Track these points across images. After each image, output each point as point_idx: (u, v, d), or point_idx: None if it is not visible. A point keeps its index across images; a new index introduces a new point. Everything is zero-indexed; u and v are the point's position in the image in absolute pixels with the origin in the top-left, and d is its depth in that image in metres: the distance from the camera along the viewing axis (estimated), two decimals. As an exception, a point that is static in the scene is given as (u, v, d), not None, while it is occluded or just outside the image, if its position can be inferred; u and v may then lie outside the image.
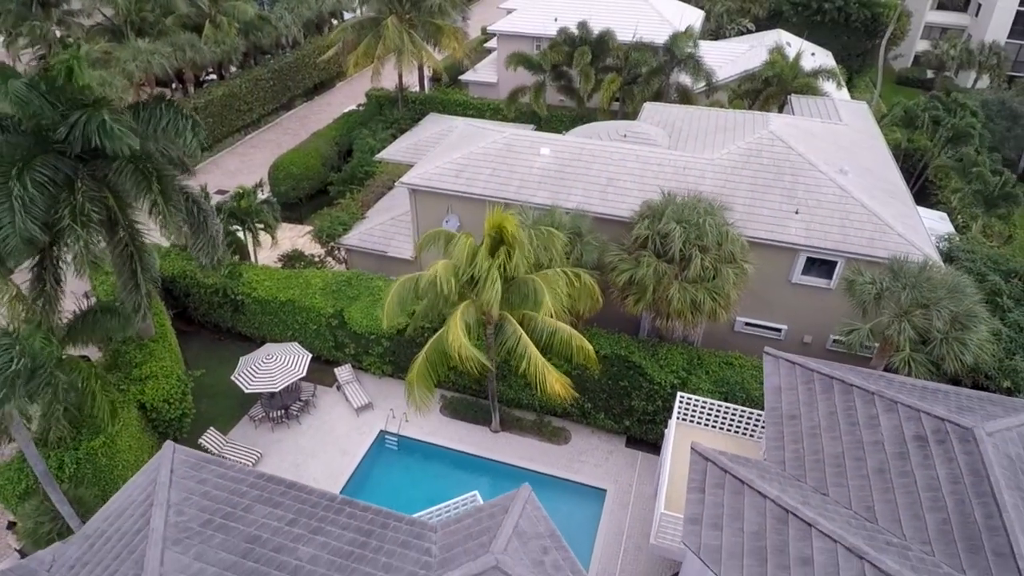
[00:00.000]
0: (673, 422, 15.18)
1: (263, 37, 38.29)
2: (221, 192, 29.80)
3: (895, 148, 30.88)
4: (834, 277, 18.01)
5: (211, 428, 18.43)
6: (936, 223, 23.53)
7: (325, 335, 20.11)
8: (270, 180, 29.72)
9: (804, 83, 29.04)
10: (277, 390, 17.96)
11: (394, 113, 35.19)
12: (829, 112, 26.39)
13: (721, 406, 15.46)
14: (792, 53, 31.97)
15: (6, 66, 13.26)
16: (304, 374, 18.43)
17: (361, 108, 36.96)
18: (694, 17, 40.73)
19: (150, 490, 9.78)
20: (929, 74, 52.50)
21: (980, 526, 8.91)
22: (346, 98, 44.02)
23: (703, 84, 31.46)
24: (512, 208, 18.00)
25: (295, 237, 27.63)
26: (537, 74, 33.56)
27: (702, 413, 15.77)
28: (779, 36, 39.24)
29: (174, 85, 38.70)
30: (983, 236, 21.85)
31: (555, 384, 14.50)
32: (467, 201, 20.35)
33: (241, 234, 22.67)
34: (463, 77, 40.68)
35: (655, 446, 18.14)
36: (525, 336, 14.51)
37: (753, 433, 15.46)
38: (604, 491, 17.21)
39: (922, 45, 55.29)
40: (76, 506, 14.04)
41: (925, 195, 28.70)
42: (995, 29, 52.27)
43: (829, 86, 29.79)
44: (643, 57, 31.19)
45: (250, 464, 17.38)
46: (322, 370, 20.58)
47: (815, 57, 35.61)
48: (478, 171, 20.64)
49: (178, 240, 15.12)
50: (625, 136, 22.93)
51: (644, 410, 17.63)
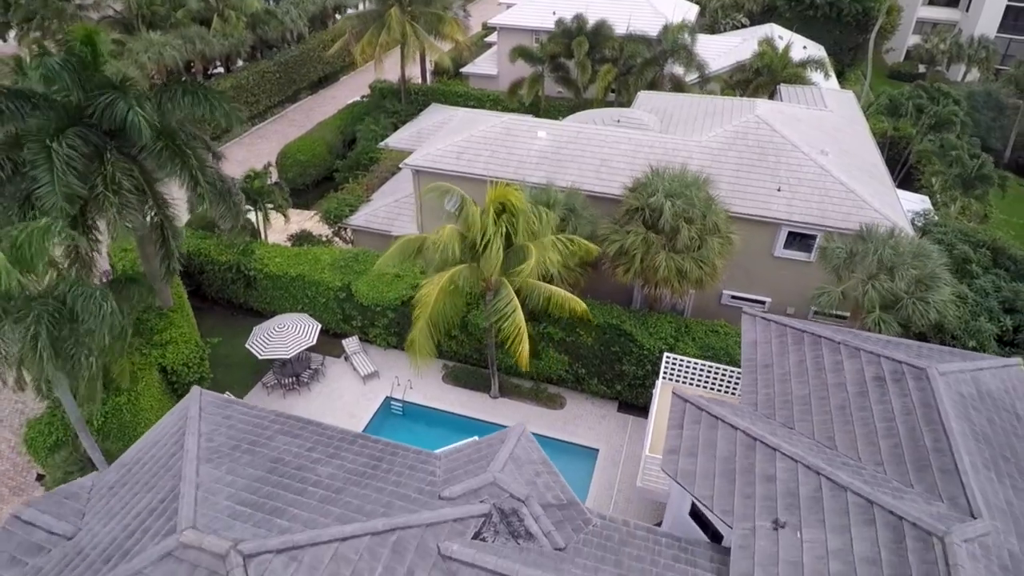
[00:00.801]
0: (660, 380, 16.25)
1: (269, 31, 39.41)
2: (231, 179, 30.89)
3: (882, 136, 31.99)
4: (814, 250, 19.08)
5: (227, 392, 19.53)
6: (917, 205, 24.58)
7: (333, 308, 21.20)
8: (278, 167, 30.80)
9: (793, 73, 30.11)
10: (289, 356, 19.05)
11: (397, 104, 36.26)
12: (815, 100, 27.47)
13: (704, 365, 16.56)
14: (783, 46, 33.02)
15: (44, 48, 14.35)
16: (314, 342, 19.52)
17: (365, 99, 38.07)
18: (689, 11, 41.82)
19: (181, 423, 10.87)
20: (921, 68, 53.54)
21: (928, 449, 9.98)
22: (350, 91, 45.08)
23: (696, 75, 32.51)
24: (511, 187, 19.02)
25: (302, 221, 28.67)
26: (536, 65, 34.67)
27: (686, 372, 16.86)
28: (772, 30, 40.17)
29: (183, 78, 39.78)
30: (962, 215, 22.89)
31: (523, 351, 15.53)
32: (467, 181, 21.39)
33: (253, 215, 23.77)
34: (464, 69, 41.78)
35: (645, 410, 19.20)
36: (516, 300, 15.56)
37: (734, 391, 16.53)
38: (596, 451, 18.29)
39: (914, 40, 56.32)
40: (104, 456, 15.14)
41: (910, 180, 29.75)
42: (985, 23, 53.32)
43: (817, 76, 30.84)
44: (638, 49, 32.26)
45: (263, 426, 18.45)
46: (330, 343, 21.67)
47: (807, 50, 36.63)
48: (478, 153, 21.72)
49: (210, 212, 16.16)
50: (619, 121, 24.00)
51: (634, 375, 18.71)
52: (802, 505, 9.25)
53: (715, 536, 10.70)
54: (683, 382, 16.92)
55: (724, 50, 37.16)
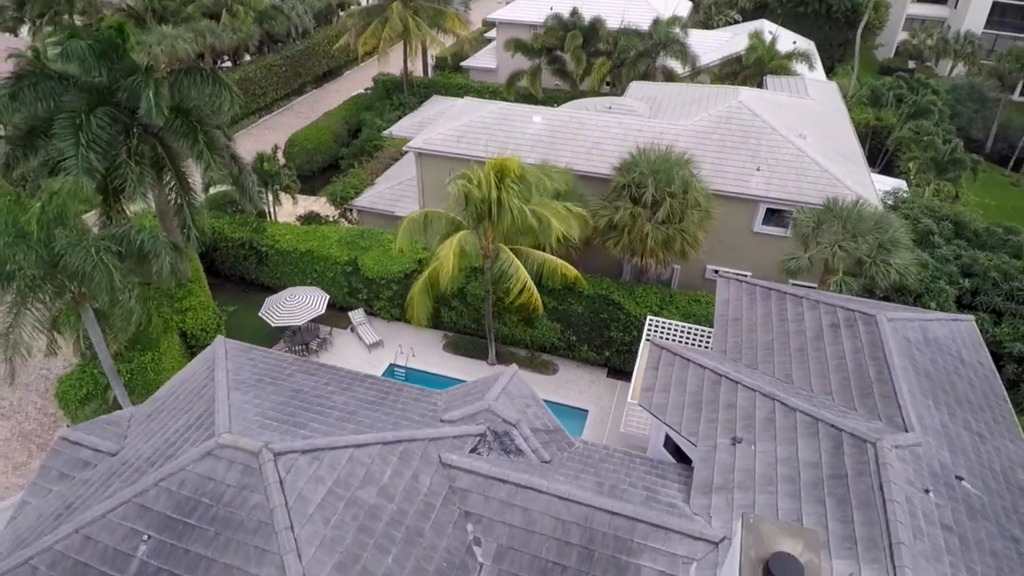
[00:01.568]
0: (644, 341, 17.56)
1: (276, 26, 40.67)
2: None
3: (865, 126, 33.32)
4: (790, 226, 20.36)
5: (241, 359, 20.82)
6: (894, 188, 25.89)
7: (340, 282, 22.51)
8: (285, 155, 32.12)
9: (779, 64, 31.40)
10: (299, 324, 20.38)
11: (400, 96, 37.58)
12: (799, 89, 28.76)
13: (685, 326, 17.88)
14: (782, 47, 34.19)
15: (76, 27, 15.65)
16: (323, 311, 20.83)
17: (369, 92, 39.39)
18: (681, 6, 43.10)
19: (210, 362, 12.16)
20: (911, 64, 54.83)
21: (872, 380, 11.28)
22: (354, 85, 46.38)
23: (688, 67, 33.81)
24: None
25: (310, 205, 30.02)
26: (533, 58, 35.99)
27: (668, 333, 18.16)
28: (762, 26, 41.46)
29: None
30: (935, 196, 24.19)
31: (535, 299, 16.85)
32: (467, 163, 22.70)
33: (263, 196, 25.06)
34: (465, 63, 43.11)
35: (632, 375, 20.49)
36: (517, 261, 16.88)
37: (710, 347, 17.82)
38: (586, 411, 19.60)
39: (904, 36, 57.62)
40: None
41: (891, 167, 31.07)
42: (972, 20, 54.60)
43: (803, 68, 32.12)
44: (631, 42, 33.58)
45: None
46: (337, 316, 22.97)
47: (796, 45, 37.90)
48: (477, 136, 23.02)
49: (216, 179, 17.44)
50: (610, 108, 25.30)
51: (621, 340, 20.02)
52: (757, 425, 10.56)
53: (685, 462, 11.99)
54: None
55: (715, 44, 38.45)
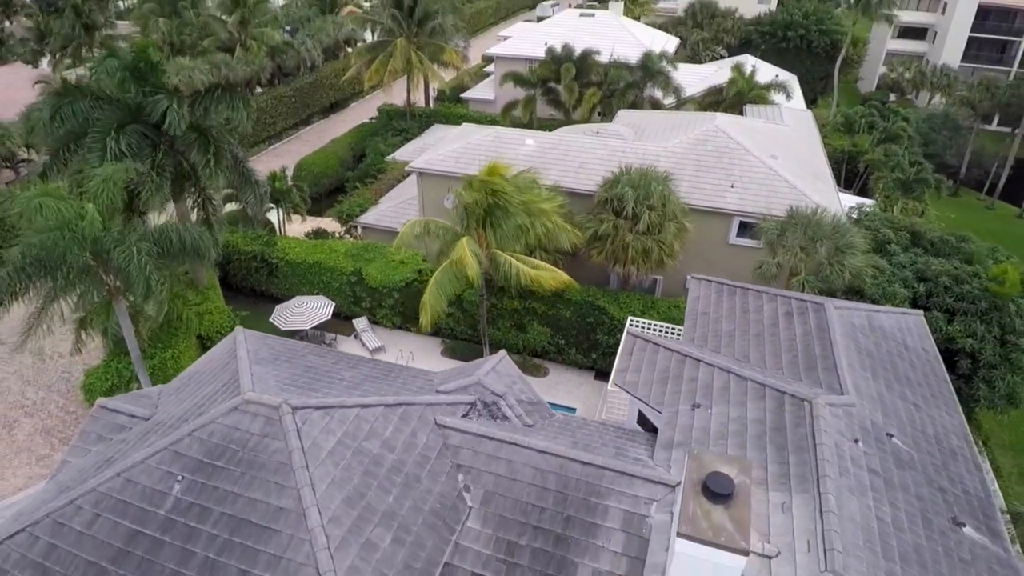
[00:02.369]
0: (624, 336, 19.00)
1: (287, 60, 43.22)
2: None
3: (842, 151, 35.33)
4: (762, 238, 21.99)
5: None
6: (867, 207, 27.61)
7: (345, 291, 24.07)
8: (293, 179, 34.04)
9: (758, 94, 33.53)
10: (307, 328, 21.86)
11: (403, 123, 39.76)
12: (775, 117, 30.79)
13: (661, 325, 19.36)
14: (762, 79, 36.41)
15: (112, 46, 17.59)
16: (329, 317, 22.36)
17: (373, 120, 41.64)
18: (669, 44, 45.69)
19: (231, 345, 13.62)
20: (891, 96, 57.36)
21: (817, 356, 12.72)
22: (359, 116, 48.77)
23: (673, 98, 36.02)
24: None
25: (316, 225, 31.76)
26: (529, 89, 38.27)
27: (647, 332, 19.59)
28: (746, 60, 43.98)
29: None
30: (903, 213, 25.90)
31: (544, 280, 18.35)
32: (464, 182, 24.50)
33: (274, 213, 26.85)
34: (464, 95, 45.51)
35: (618, 377, 21.87)
36: (515, 261, 18.44)
37: (691, 352, 19.24)
38: (574, 409, 20.93)
39: (884, 70, 60.35)
40: (153, 400, 17.83)
41: (867, 189, 32.92)
42: (949, 54, 57.41)
43: (780, 97, 34.24)
44: (620, 74, 35.85)
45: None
46: (342, 324, 24.48)
47: (779, 78, 40.21)
48: (473, 157, 24.85)
49: (226, 184, 19.14)
50: (598, 133, 27.27)
51: (607, 343, 21.46)
52: (714, 394, 11.98)
53: (654, 433, 13.33)
54: (647, 344, 19.66)
55: (700, 77, 40.78)
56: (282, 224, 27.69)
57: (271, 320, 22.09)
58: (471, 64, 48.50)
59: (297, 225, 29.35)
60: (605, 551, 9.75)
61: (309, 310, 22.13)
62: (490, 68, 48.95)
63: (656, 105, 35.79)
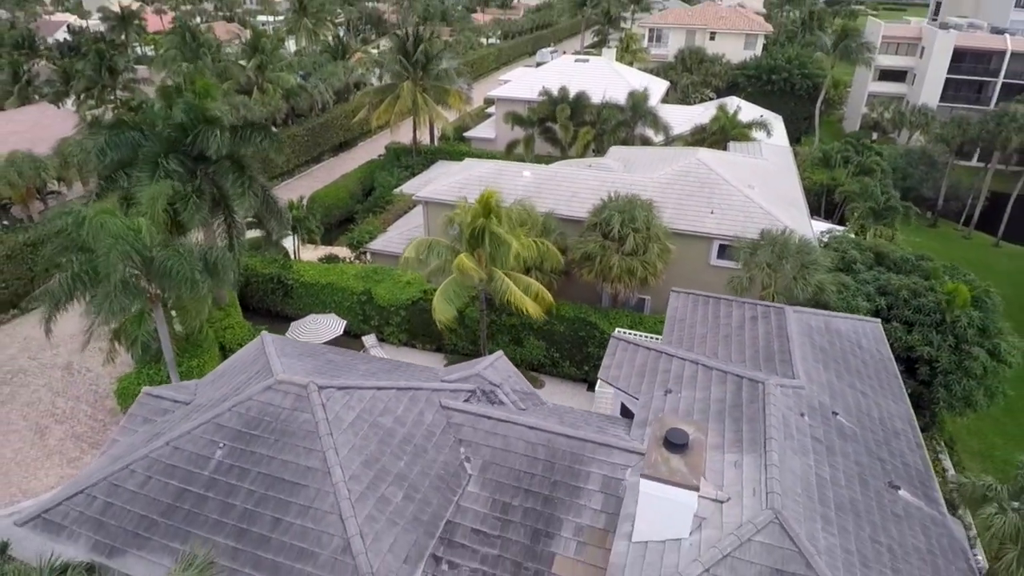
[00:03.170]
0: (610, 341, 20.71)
1: (301, 101, 46.13)
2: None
3: (821, 185, 37.57)
4: (737, 257, 23.91)
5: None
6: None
7: (355, 310, 25.88)
8: (307, 209, 36.28)
9: (740, 132, 35.94)
10: (320, 343, 23.56)
11: (409, 159, 42.26)
12: (756, 152, 33.08)
13: (644, 335, 21.05)
14: (744, 118, 38.97)
15: (168, 88, 19.91)
16: (340, 333, 24.11)
17: (381, 157, 44.17)
18: (659, 86, 48.60)
19: (259, 344, 15.36)
20: (874, 135, 60.17)
21: (775, 351, 14.43)
22: (367, 154, 51.41)
23: (662, 136, 38.49)
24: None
25: (328, 252, 33.83)
26: (527, 128, 40.83)
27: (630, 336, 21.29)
28: (732, 101, 46.78)
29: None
30: (874, 239, 27.85)
31: (528, 306, 20.11)
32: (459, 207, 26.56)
33: (289, 240, 28.90)
34: (467, 134, 48.22)
35: (609, 388, 23.47)
36: (507, 279, 20.28)
37: (674, 361, 20.92)
38: (568, 417, 22.43)
39: (867, 111, 63.39)
40: (180, 404, 19.48)
41: (844, 219, 34.99)
42: (928, 95, 60.44)
43: (762, 135, 36.66)
44: (612, 114, 38.39)
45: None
46: (352, 342, 26.16)
47: (763, 117, 42.82)
48: (475, 187, 26.90)
49: (253, 208, 21.29)
50: (590, 166, 29.52)
51: (598, 356, 23.06)
52: (684, 381, 13.67)
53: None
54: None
55: (689, 117, 43.44)
56: (296, 251, 29.70)
57: (287, 335, 23.82)
58: (474, 106, 51.44)
59: (310, 252, 31.36)
60: (586, 508, 11.33)
61: (322, 327, 23.90)
62: (491, 109, 51.86)
63: (646, 142, 38.20)
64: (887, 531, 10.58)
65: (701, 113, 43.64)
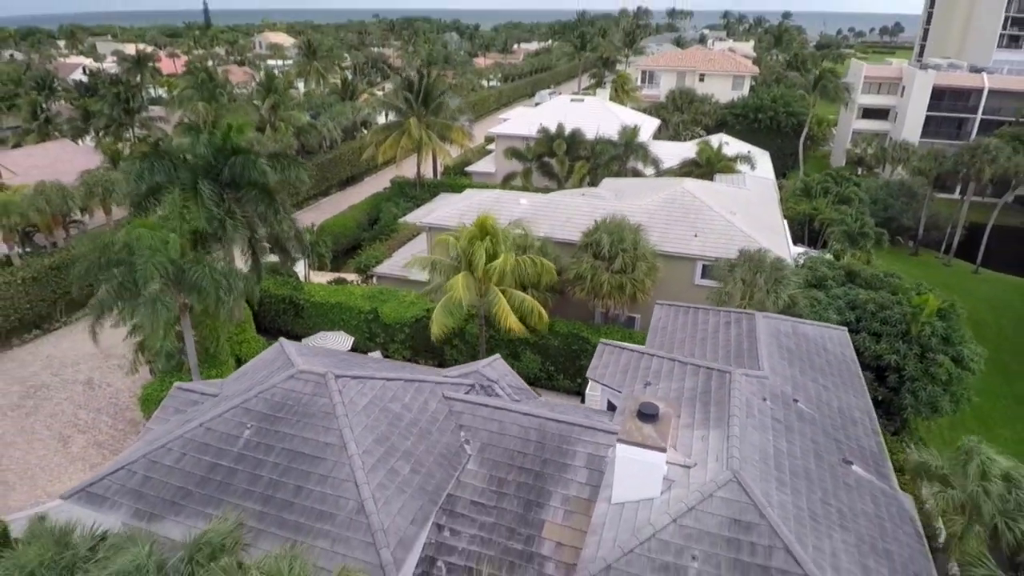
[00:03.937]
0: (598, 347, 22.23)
1: (311, 139, 48.64)
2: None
3: (804, 215, 39.58)
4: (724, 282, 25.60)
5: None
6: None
7: (362, 328, 27.46)
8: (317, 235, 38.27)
9: (725, 165, 38.15)
10: (329, 356, 25.09)
11: (413, 192, 44.43)
12: (740, 183, 35.22)
13: (634, 346, 22.53)
14: (730, 151, 41.36)
15: (193, 125, 21.91)
16: (348, 349, 25.61)
17: (387, 190, 46.38)
18: (651, 124, 51.20)
19: (278, 348, 16.96)
20: (859, 170, 62.63)
21: (745, 350, 15.98)
22: (372, 188, 53.73)
23: (653, 169, 40.70)
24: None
25: (336, 277, 35.60)
26: (526, 163, 43.14)
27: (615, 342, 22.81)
28: (721, 138, 49.28)
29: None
30: (851, 261, 29.59)
31: (512, 324, 21.69)
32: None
33: (300, 265, 30.68)
34: (468, 168, 50.60)
35: (601, 399, 24.85)
36: (501, 295, 21.92)
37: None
38: (562, 425, 23.75)
39: (851, 147, 66.10)
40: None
41: (825, 246, 36.84)
42: (909, 131, 63.18)
43: (746, 168, 38.88)
44: (605, 148, 40.71)
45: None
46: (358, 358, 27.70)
47: (751, 153, 45.20)
48: (475, 214, 28.72)
49: (277, 231, 23.21)
50: (583, 194, 31.52)
51: (590, 368, 24.58)
52: (662, 375, 15.19)
53: (621, 417, 16.37)
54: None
55: (678, 153, 45.76)
56: (307, 276, 31.44)
57: (298, 350, 25.36)
58: (475, 143, 54.04)
59: (319, 277, 33.11)
60: (573, 482, 12.74)
61: (331, 342, 25.44)
62: (491, 146, 54.43)
63: (638, 175, 40.36)
64: (837, 496, 11.97)
65: (690, 149, 45.95)
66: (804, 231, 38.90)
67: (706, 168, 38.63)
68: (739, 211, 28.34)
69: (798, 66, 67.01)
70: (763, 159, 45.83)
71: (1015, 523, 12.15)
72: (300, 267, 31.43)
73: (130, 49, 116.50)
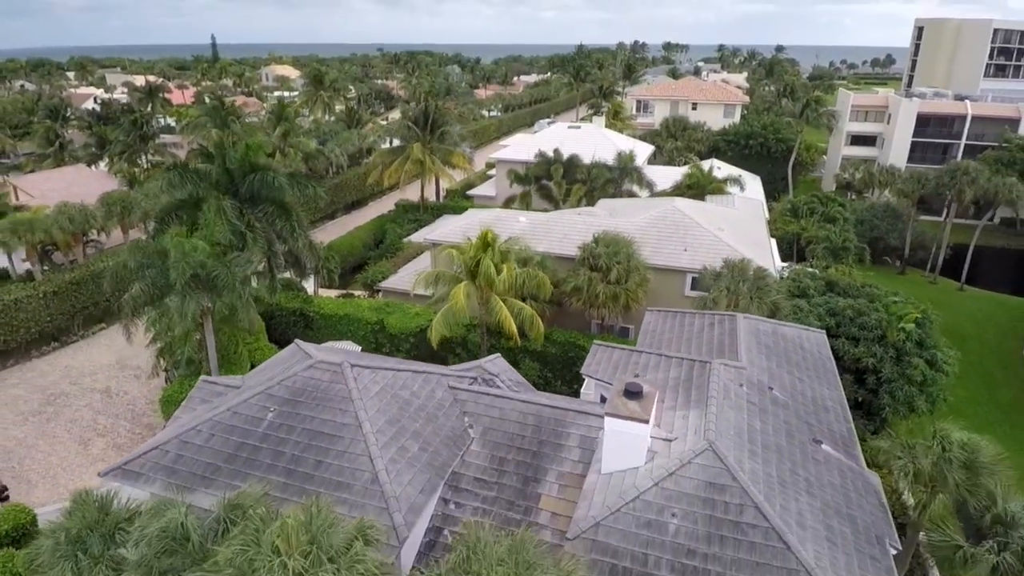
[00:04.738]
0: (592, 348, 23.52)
1: (318, 164, 50.60)
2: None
3: (792, 235, 41.22)
4: (711, 289, 27.04)
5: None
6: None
7: (369, 338, 28.80)
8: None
9: (716, 187, 39.92)
10: (338, 363, 26.36)
11: (417, 214, 46.17)
12: (729, 203, 36.94)
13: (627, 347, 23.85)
14: (720, 175, 43.18)
15: (223, 142, 23.63)
16: (356, 356, 26.88)
17: (391, 213, 48.15)
18: (645, 150, 53.23)
19: (293, 347, 18.33)
20: (849, 194, 64.55)
21: (727, 346, 17.32)
22: (376, 212, 55.51)
23: (647, 192, 42.45)
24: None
25: (344, 292, 37.06)
26: (525, 186, 44.93)
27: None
28: (713, 163, 51.22)
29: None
30: (832, 273, 31.08)
31: (512, 330, 23.06)
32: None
33: (310, 281, 32.15)
34: (470, 192, 52.47)
35: (597, 405, 26.04)
36: (500, 302, 23.34)
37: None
38: (560, 429, 24.92)
39: (839, 172, 68.18)
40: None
41: (805, 260, 38.43)
42: (896, 156, 65.33)
43: (735, 189, 40.64)
44: (601, 172, 42.51)
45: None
46: (364, 368, 28.95)
47: (741, 177, 47.05)
48: (477, 231, 30.31)
49: (294, 246, 24.80)
50: (579, 213, 33.17)
51: (586, 374, 25.83)
52: (649, 368, 16.51)
53: (613, 410, 17.61)
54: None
55: (671, 177, 47.61)
56: (315, 292, 32.88)
57: (308, 358, 26.64)
58: (476, 169, 56.12)
59: (327, 293, 34.54)
60: (567, 460, 13.98)
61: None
62: (492, 171, 56.43)
63: (632, 197, 42.10)
64: (806, 468, 13.22)
65: (684, 173, 47.88)
66: (792, 250, 40.48)
67: (697, 189, 40.38)
68: (727, 228, 29.91)
69: (788, 95, 69.53)
70: (754, 183, 47.69)
71: (976, 488, 13.38)
72: (309, 284, 32.90)
73: (139, 80, 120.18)
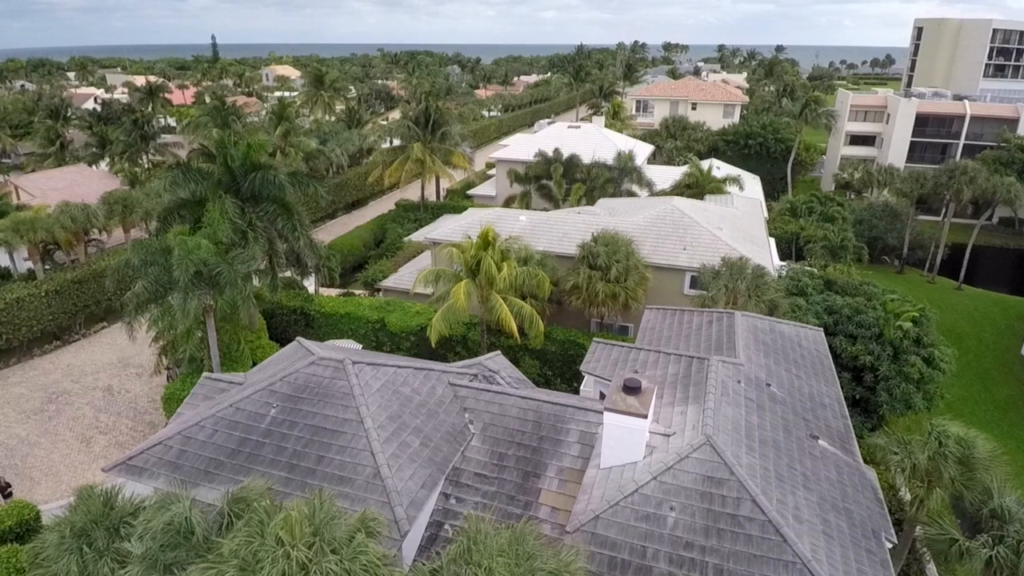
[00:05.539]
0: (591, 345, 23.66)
1: (319, 164, 50.69)
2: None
3: (790, 235, 41.37)
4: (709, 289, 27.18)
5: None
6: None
7: (370, 336, 28.93)
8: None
9: (715, 186, 40.06)
10: (339, 361, 26.50)
11: (417, 214, 46.31)
12: (728, 202, 37.07)
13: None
14: (719, 175, 43.36)
15: (224, 138, 23.76)
16: (357, 354, 27.02)
17: (391, 212, 48.27)
18: (644, 149, 53.37)
19: (295, 345, 18.48)
20: (850, 196, 64.69)
21: (724, 343, 17.47)
22: (377, 211, 55.67)
23: (646, 192, 42.59)
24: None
25: (344, 292, 37.18)
26: (525, 186, 45.06)
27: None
28: (712, 162, 51.38)
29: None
30: (830, 272, 31.23)
31: (512, 327, 23.21)
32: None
33: (311, 280, 32.27)
34: (470, 191, 52.59)
35: (596, 403, 26.18)
36: (501, 300, 23.48)
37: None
38: (559, 426, 25.07)
39: (838, 172, 68.35)
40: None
41: (804, 259, 38.58)
42: (894, 156, 65.49)
43: (734, 189, 40.79)
44: (601, 172, 42.64)
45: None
46: (364, 366, 29.09)
47: (741, 177, 47.21)
48: (477, 230, 30.50)
49: (295, 244, 24.95)
50: (579, 212, 33.30)
51: (586, 372, 25.97)
52: (648, 365, 16.66)
53: (612, 406, 17.76)
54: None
55: (671, 176, 47.75)
56: (316, 290, 33.01)
57: (309, 356, 26.78)
58: (476, 169, 56.25)
59: (328, 292, 34.67)
60: (567, 455, 14.13)
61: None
62: (492, 171, 56.56)
63: (632, 196, 42.24)
64: (803, 463, 13.36)
65: (683, 173, 48.03)
66: (791, 249, 40.62)
67: (696, 189, 40.53)
68: (726, 227, 30.05)
69: (787, 95, 69.70)
70: (753, 183, 47.87)
71: (972, 483, 13.52)
72: (310, 283, 33.03)
73: (140, 81, 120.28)
